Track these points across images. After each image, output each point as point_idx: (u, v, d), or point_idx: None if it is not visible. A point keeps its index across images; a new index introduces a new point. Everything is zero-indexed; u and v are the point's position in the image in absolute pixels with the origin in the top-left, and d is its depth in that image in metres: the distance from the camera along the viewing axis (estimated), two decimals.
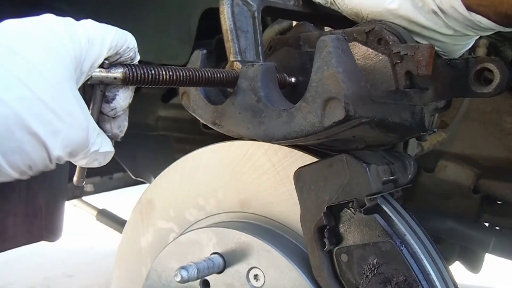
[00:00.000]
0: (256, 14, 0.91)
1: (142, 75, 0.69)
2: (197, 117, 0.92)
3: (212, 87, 0.86)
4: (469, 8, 0.78)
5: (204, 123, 0.90)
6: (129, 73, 0.68)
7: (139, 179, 2.37)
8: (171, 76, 0.72)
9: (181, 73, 0.73)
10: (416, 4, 0.81)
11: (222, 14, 0.88)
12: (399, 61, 0.81)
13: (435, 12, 0.81)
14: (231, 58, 0.86)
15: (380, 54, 0.83)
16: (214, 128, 0.89)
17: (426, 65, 0.79)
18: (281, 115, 0.78)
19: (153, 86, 0.72)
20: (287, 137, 0.78)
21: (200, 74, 0.76)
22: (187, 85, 0.75)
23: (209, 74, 0.78)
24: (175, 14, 1.42)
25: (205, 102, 0.89)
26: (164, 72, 0.71)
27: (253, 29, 0.90)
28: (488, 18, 0.78)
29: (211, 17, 1.38)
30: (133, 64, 0.69)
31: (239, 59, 0.85)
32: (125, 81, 0.68)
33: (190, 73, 0.75)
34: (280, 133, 0.78)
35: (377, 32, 0.84)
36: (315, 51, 0.74)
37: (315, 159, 0.88)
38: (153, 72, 0.70)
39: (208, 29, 1.43)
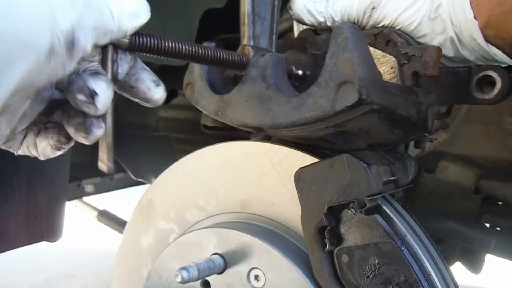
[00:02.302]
0: (276, 2, 0.91)
1: (148, 43, 0.67)
2: (200, 108, 0.91)
3: (218, 67, 0.85)
4: (486, 39, 0.78)
5: (207, 113, 0.90)
6: (136, 39, 0.66)
7: (139, 179, 2.37)
8: (177, 48, 0.71)
9: (188, 47, 0.72)
10: (435, 31, 0.82)
11: None
12: (406, 62, 0.83)
13: (451, 40, 0.81)
14: (244, 41, 0.86)
15: (387, 55, 0.84)
16: (217, 119, 0.89)
17: (433, 65, 0.80)
18: (291, 100, 0.78)
19: (158, 56, 0.70)
20: (295, 123, 0.77)
21: (208, 51, 0.75)
22: (193, 60, 0.74)
23: (218, 54, 0.77)
24: (175, 15, 1.42)
25: (210, 92, 0.89)
26: (170, 44, 0.70)
27: (271, 17, 0.90)
28: (503, 51, 0.78)
29: (212, 18, 1.38)
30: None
31: (252, 44, 0.86)
32: (131, 46, 0.67)
33: (198, 49, 0.74)
34: (288, 119, 0.78)
35: (386, 34, 0.85)
36: (331, 38, 0.74)
37: (316, 160, 0.88)
38: (158, 42, 0.68)
39: (209, 30, 1.43)
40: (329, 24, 0.92)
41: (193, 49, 0.73)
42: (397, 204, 0.88)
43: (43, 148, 0.68)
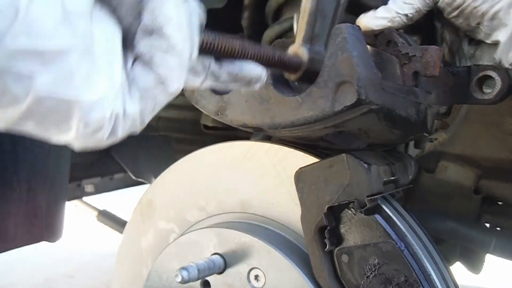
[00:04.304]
0: (342, 0, 0.86)
1: (215, 42, 0.60)
2: (200, 108, 0.91)
3: (272, 68, 0.75)
4: None
5: (207, 113, 0.90)
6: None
7: (139, 179, 2.37)
8: (242, 49, 0.63)
9: (250, 47, 0.65)
10: None
11: None
12: (407, 62, 0.83)
13: None
14: (300, 42, 0.80)
15: (388, 55, 0.84)
16: (216, 119, 0.89)
17: (434, 66, 0.80)
18: (290, 100, 0.77)
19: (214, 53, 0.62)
20: (295, 123, 0.77)
21: (267, 52, 0.68)
22: (248, 59, 0.65)
23: (275, 55, 0.70)
24: None
25: (209, 92, 0.89)
26: (231, 41, 0.62)
27: (333, 15, 0.84)
28: None
29: (212, 18, 1.37)
30: None
31: (308, 46, 0.79)
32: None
33: (259, 49, 0.67)
34: (287, 119, 0.78)
35: (386, 34, 0.85)
36: (330, 38, 0.74)
37: (316, 160, 0.88)
38: (224, 42, 0.61)
39: (209, 30, 1.43)
40: (404, 20, 0.90)
41: (257, 49, 0.66)
42: (397, 204, 0.88)
43: None
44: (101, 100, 0.44)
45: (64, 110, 0.43)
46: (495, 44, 0.87)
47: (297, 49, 0.78)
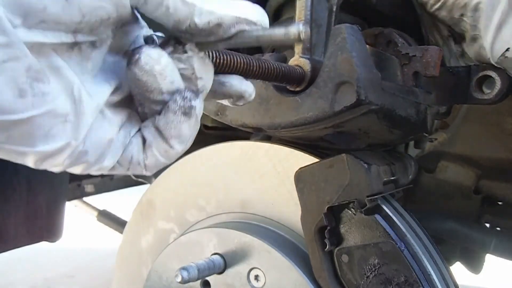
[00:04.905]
0: (334, 8, 0.86)
1: (223, 60, 0.58)
2: None
3: (277, 83, 0.75)
4: None
5: (207, 113, 0.90)
6: (211, 55, 0.56)
7: (139, 179, 2.37)
8: (248, 65, 0.61)
9: (256, 63, 0.62)
10: None
11: (299, 1, 0.81)
12: (407, 62, 0.83)
13: None
14: (300, 53, 0.79)
15: (388, 55, 0.84)
16: (216, 119, 0.89)
17: (434, 66, 0.80)
18: (290, 101, 0.77)
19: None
20: (294, 123, 0.77)
21: (272, 67, 0.66)
22: (258, 77, 0.64)
23: (279, 69, 0.68)
24: None
25: None
26: (236, 59, 0.60)
27: (328, 24, 0.84)
28: None
29: None
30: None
31: (308, 57, 0.78)
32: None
33: (264, 64, 0.64)
34: (287, 120, 0.78)
35: (387, 34, 0.85)
36: (329, 39, 0.74)
37: (316, 160, 0.88)
38: (231, 59, 0.59)
39: None
40: None
41: (262, 66, 0.63)
42: (397, 204, 0.88)
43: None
44: (59, 150, 0.45)
45: (17, 156, 0.44)
46: (476, 38, 0.85)
47: (298, 61, 0.78)
